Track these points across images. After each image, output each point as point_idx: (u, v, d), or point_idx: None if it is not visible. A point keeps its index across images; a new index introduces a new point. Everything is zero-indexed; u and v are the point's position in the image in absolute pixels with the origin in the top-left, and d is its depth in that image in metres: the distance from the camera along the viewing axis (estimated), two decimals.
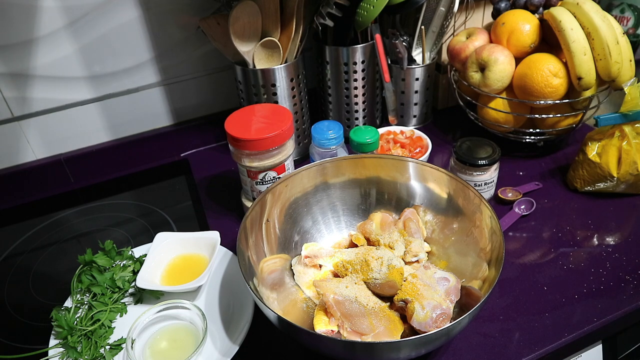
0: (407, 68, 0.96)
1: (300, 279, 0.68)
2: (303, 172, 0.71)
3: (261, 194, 0.67)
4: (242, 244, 0.60)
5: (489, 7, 0.99)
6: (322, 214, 0.74)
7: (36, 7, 0.82)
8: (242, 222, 0.62)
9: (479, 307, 0.50)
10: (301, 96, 0.92)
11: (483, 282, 0.58)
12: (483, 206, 0.62)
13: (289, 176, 0.70)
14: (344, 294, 0.60)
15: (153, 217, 0.88)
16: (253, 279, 0.59)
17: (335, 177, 0.73)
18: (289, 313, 0.63)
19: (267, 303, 0.56)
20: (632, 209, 0.80)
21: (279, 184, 0.69)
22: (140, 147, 1.01)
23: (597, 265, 0.71)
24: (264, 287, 0.62)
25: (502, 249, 0.56)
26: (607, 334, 0.68)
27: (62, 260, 0.81)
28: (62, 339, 0.63)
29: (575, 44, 0.79)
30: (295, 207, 0.72)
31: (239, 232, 0.61)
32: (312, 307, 0.65)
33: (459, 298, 0.60)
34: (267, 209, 0.68)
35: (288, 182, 0.70)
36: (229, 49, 0.84)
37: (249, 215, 0.63)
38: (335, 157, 0.73)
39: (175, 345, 0.63)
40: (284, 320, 0.51)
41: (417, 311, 0.56)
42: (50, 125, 0.93)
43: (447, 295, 0.59)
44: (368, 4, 0.83)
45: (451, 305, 0.58)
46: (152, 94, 0.98)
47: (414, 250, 0.67)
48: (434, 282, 0.61)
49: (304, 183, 0.72)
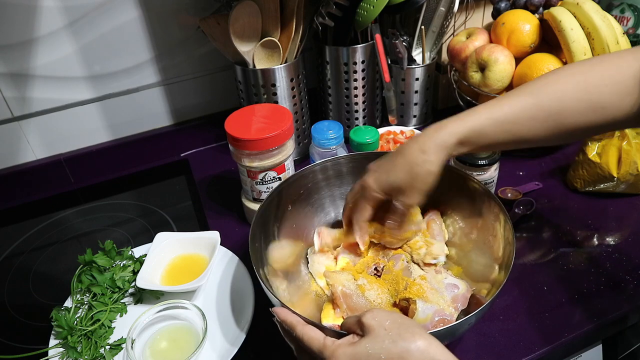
0: (407, 68, 0.96)
1: (314, 267, 0.68)
2: (328, 162, 0.71)
3: (283, 181, 0.68)
4: (256, 230, 0.61)
5: (489, 7, 0.99)
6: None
7: (36, 7, 0.82)
8: (260, 206, 0.63)
9: (480, 311, 0.50)
10: (301, 96, 0.92)
11: (492, 285, 0.58)
12: (502, 215, 0.60)
13: (315, 166, 0.70)
14: (352, 288, 0.60)
15: (153, 217, 0.88)
16: (264, 268, 0.59)
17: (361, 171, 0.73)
18: (296, 303, 0.63)
19: (275, 292, 0.56)
20: (632, 209, 0.80)
21: (306, 172, 0.70)
22: (140, 147, 1.01)
23: (597, 265, 0.71)
24: (274, 275, 0.62)
25: (512, 256, 0.55)
26: (607, 334, 0.69)
27: (62, 260, 0.81)
28: (62, 339, 0.63)
29: (575, 44, 0.79)
30: (317, 198, 0.73)
31: (256, 216, 0.62)
32: (323, 298, 0.65)
33: (465, 307, 0.59)
34: (287, 196, 0.68)
35: (313, 170, 0.70)
36: (229, 49, 0.84)
37: (270, 198, 0.65)
38: (372, 151, 0.73)
39: (175, 345, 0.63)
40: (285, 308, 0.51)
41: (419, 312, 0.56)
42: (50, 125, 0.93)
43: (453, 301, 0.59)
44: (368, 4, 0.83)
45: (455, 312, 0.58)
46: (152, 94, 0.98)
47: (435, 252, 0.66)
48: (443, 287, 0.60)
49: (330, 174, 0.72)
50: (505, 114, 0.54)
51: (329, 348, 0.46)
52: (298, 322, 0.49)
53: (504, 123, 0.54)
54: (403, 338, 0.44)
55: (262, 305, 0.67)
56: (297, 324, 0.49)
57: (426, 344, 0.43)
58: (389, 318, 0.46)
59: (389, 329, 0.44)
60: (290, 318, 0.50)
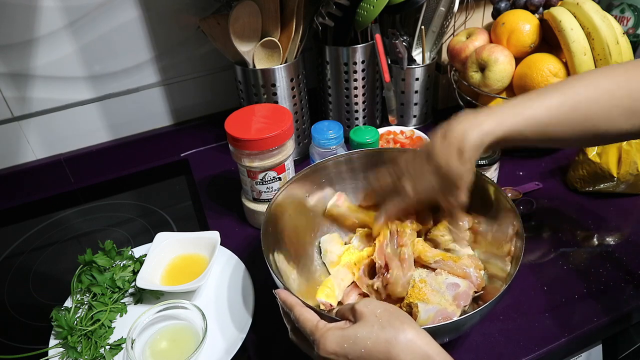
0: (407, 68, 0.96)
1: (326, 257, 0.68)
2: (354, 155, 0.72)
3: (304, 169, 0.69)
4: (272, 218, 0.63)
5: (489, 7, 0.99)
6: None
7: (36, 7, 0.82)
8: (276, 192, 0.65)
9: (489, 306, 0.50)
10: (301, 96, 0.92)
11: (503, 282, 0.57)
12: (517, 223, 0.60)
13: (336, 157, 0.71)
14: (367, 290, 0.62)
15: (153, 217, 0.88)
16: (274, 253, 0.61)
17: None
18: (304, 292, 0.64)
19: (285, 281, 0.57)
20: (632, 209, 0.80)
21: (329, 161, 0.71)
22: (140, 147, 1.01)
23: (597, 265, 0.71)
24: (285, 261, 0.63)
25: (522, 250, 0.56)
26: (607, 334, 0.69)
27: (62, 260, 0.81)
28: (62, 339, 0.63)
29: (575, 44, 0.79)
30: (338, 189, 0.73)
31: (271, 203, 0.64)
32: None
33: (468, 303, 0.59)
34: (307, 183, 0.69)
35: (336, 161, 0.71)
36: (229, 49, 0.84)
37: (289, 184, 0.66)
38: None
39: (175, 345, 0.63)
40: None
41: (421, 314, 0.56)
42: (50, 125, 0.93)
43: (455, 300, 0.59)
44: (368, 4, 0.83)
45: (458, 310, 0.58)
46: (152, 94, 0.98)
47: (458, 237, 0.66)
48: (444, 287, 0.60)
49: (355, 166, 0.72)
50: (540, 115, 0.53)
51: (320, 330, 0.47)
52: (297, 304, 0.51)
53: (538, 125, 0.53)
54: (392, 325, 0.45)
55: (262, 305, 0.67)
56: (295, 304, 0.51)
57: (414, 334, 0.44)
58: (381, 307, 0.47)
59: (380, 316, 0.46)
60: (290, 299, 0.52)
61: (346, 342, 0.45)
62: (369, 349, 0.44)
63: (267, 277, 0.72)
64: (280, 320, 0.54)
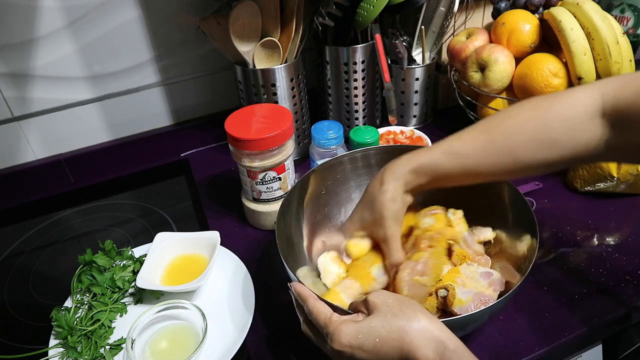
0: (407, 68, 0.96)
1: (327, 278, 0.63)
2: (371, 151, 0.72)
3: (319, 164, 0.70)
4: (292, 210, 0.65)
5: (489, 7, 0.99)
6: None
7: (36, 7, 0.82)
8: (290, 190, 0.66)
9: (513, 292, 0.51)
10: (301, 96, 0.92)
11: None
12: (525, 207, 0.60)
13: (350, 154, 0.72)
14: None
15: (153, 217, 0.88)
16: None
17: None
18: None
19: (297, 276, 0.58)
20: (632, 209, 0.80)
21: (344, 158, 0.72)
22: (140, 147, 1.01)
23: (597, 265, 0.71)
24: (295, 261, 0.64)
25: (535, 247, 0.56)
26: (607, 334, 0.69)
27: (62, 260, 0.81)
28: (62, 339, 0.63)
29: (575, 44, 0.79)
30: (347, 188, 0.73)
31: (287, 198, 0.65)
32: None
33: (502, 289, 0.58)
34: (320, 180, 0.70)
35: (350, 159, 0.72)
36: (229, 49, 0.84)
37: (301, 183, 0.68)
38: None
39: (175, 345, 0.63)
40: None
41: (459, 295, 0.56)
42: (50, 125, 0.93)
43: (490, 285, 0.59)
44: (368, 4, 0.83)
45: (494, 294, 0.57)
46: (152, 94, 0.98)
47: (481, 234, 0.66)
48: (477, 275, 0.60)
49: (372, 162, 0.73)
50: (458, 148, 0.57)
51: (334, 322, 0.48)
52: (310, 296, 0.52)
53: (456, 156, 0.56)
54: (405, 314, 0.46)
55: (262, 305, 0.67)
56: (309, 297, 0.52)
57: (427, 321, 0.45)
58: (393, 297, 0.48)
59: (392, 305, 0.47)
60: (304, 292, 0.53)
61: (360, 333, 0.46)
62: (383, 337, 0.45)
63: (267, 277, 0.72)
64: (280, 320, 0.54)
